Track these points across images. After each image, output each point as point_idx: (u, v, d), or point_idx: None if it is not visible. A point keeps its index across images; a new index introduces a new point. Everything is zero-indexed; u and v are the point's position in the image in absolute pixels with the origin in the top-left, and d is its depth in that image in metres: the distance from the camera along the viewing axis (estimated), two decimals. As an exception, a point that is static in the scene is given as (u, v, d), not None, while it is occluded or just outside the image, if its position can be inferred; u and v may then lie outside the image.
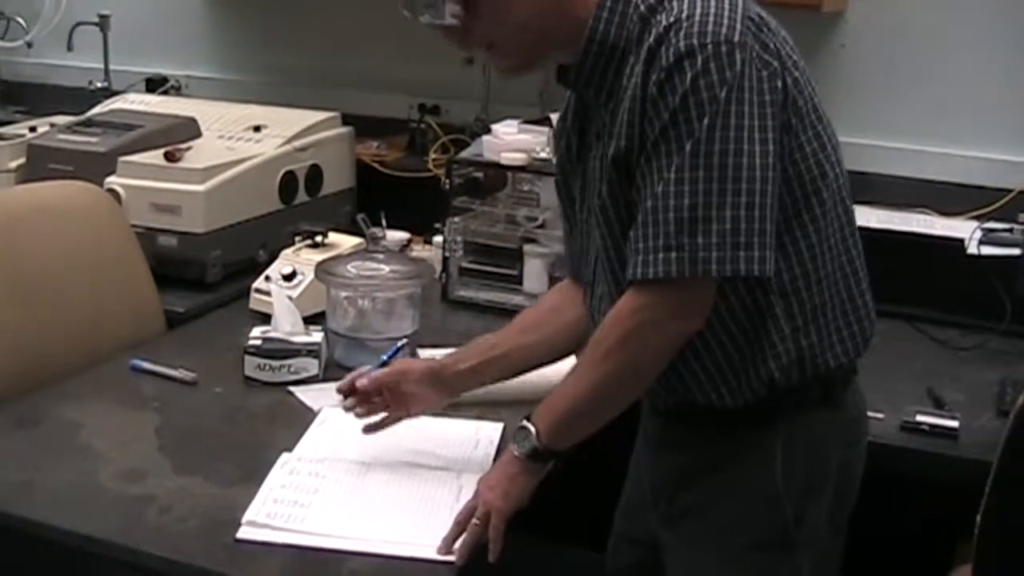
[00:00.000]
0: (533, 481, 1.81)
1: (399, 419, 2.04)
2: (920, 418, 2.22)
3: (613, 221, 1.75)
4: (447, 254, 2.88)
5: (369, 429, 2.04)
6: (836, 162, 1.75)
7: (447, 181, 2.88)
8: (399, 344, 2.21)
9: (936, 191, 3.00)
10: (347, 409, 2.03)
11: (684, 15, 1.62)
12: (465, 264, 2.91)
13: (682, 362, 1.74)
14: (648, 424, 1.95)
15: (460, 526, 1.78)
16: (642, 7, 1.69)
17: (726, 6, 1.63)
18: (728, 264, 1.60)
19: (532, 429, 1.78)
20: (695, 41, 1.60)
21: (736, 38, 1.61)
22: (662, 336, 1.68)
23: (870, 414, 2.19)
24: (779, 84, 1.64)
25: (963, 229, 2.79)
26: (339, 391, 2.05)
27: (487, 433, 2.12)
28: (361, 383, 2.02)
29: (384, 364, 2.07)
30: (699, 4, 1.63)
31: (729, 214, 1.60)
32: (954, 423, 2.21)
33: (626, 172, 1.70)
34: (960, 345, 2.63)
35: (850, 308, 1.79)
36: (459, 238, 2.90)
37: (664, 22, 1.64)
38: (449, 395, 2.05)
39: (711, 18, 1.62)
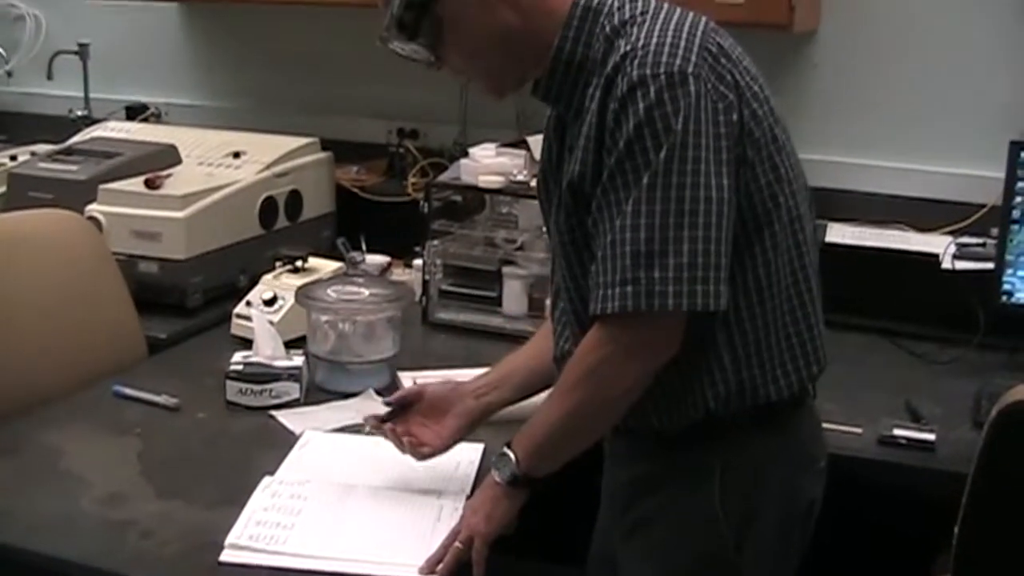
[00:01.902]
0: (516, 505, 1.81)
1: (435, 449, 1.99)
2: (897, 432, 2.23)
3: (568, 244, 1.77)
4: (427, 277, 2.89)
5: (419, 456, 1.99)
6: (791, 194, 1.74)
7: (426, 204, 2.90)
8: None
9: (911, 207, 3.02)
10: (388, 423, 2.01)
11: (640, 44, 1.64)
12: (445, 287, 2.92)
13: None
14: (605, 438, 1.95)
15: (446, 548, 1.79)
16: (607, 28, 1.70)
17: (683, 36, 1.64)
18: (685, 298, 1.61)
19: (512, 456, 1.79)
20: (648, 71, 1.61)
21: (690, 69, 1.62)
22: (627, 369, 1.68)
23: (847, 428, 2.23)
24: (734, 117, 1.64)
25: (938, 244, 2.81)
26: (367, 421, 2.05)
27: (467, 454, 2.12)
28: (386, 399, 2.06)
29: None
30: (656, 33, 1.65)
31: (686, 248, 1.60)
32: (931, 436, 2.22)
33: (583, 200, 1.70)
34: (936, 359, 2.65)
35: (796, 343, 1.77)
36: (438, 261, 2.91)
37: (623, 49, 1.65)
38: (475, 411, 2.02)
39: (666, 48, 1.63)
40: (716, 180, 1.61)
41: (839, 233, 2.92)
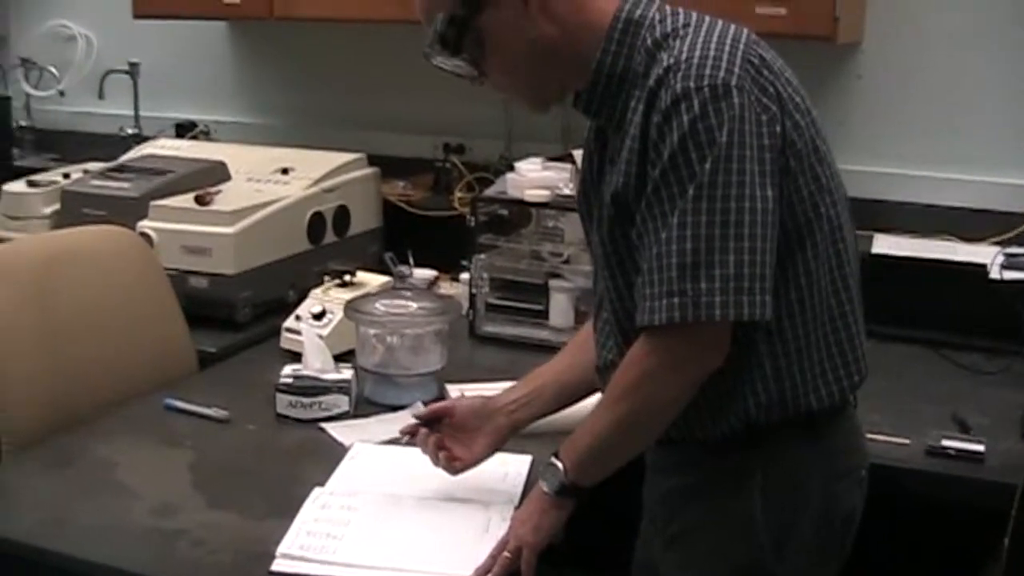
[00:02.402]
0: (563, 515, 1.83)
1: (466, 464, 2.01)
2: (945, 443, 2.22)
3: (611, 255, 1.79)
4: (474, 290, 2.91)
5: (452, 470, 2.01)
6: (832, 204, 1.74)
7: (472, 219, 2.92)
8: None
9: (957, 217, 3.02)
10: (414, 436, 2.04)
11: (684, 56, 1.65)
12: (492, 300, 2.93)
13: None
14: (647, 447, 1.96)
15: (494, 559, 1.81)
16: (649, 41, 1.71)
17: (726, 48, 1.65)
18: (731, 309, 1.61)
19: (560, 465, 1.80)
20: (692, 84, 1.62)
21: (733, 81, 1.62)
22: (674, 380, 1.69)
23: (895, 439, 2.23)
24: (777, 128, 1.65)
25: (985, 254, 2.80)
26: (403, 432, 2.08)
27: (515, 466, 2.13)
28: (416, 412, 2.08)
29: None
30: (699, 46, 1.65)
31: (732, 259, 1.60)
32: (979, 447, 2.21)
33: (626, 211, 1.71)
34: (984, 369, 2.64)
35: (836, 352, 1.78)
36: (485, 275, 2.92)
37: (665, 62, 1.66)
38: (504, 428, 2.03)
39: (709, 61, 1.63)
40: (760, 191, 1.62)
41: (885, 244, 2.91)
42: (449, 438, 2.02)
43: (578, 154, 2.82)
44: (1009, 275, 2.71)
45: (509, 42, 1.75)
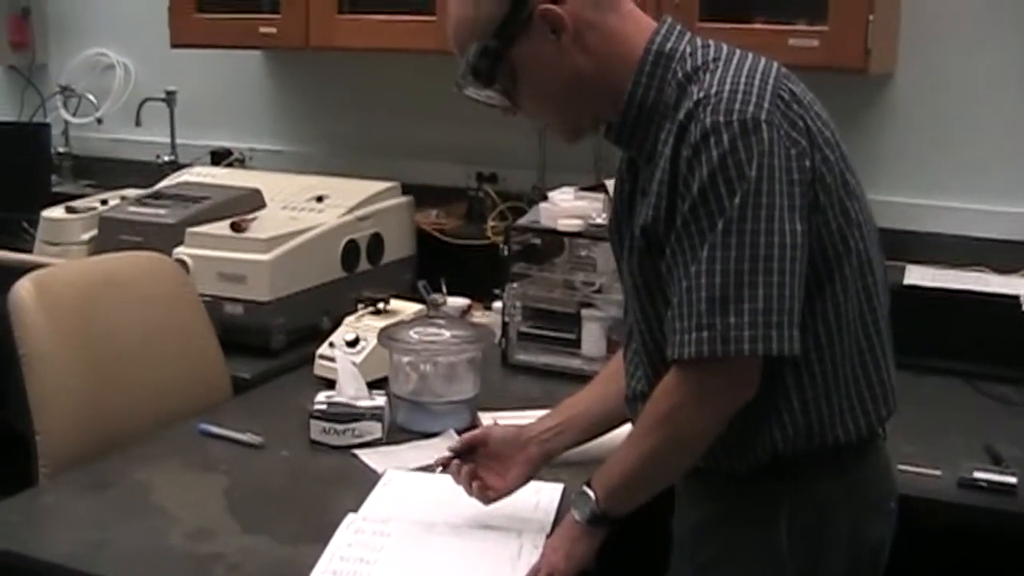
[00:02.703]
0: (595, 543, 1.84)
1: (499, 493, 2.02)
2: (978, 475, 2.21)
3: (641, 287, 1.80)
4: (506, 319, 2.92)
5: (486, 499, 2.02)
6: (861, 238, 1.74)
7: (505, 248, 2.93)
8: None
9: (990, 248, 3.02)
10: (448, 467, 2.04)
11: (713, 91, 1.65)
12: (524, 329, 2.94)
13: None
14: None
15: (526, 586, 1.82)
16: (680, 74, 1.72)
17: (756, 82, 1.66)
18: (760, 343, 1.61)
19: (591, 495, 1.81)
20: (721, 118, 1.63)
21: (763, 116, 1.63)
22: (703, 413, 1.70)
23: (927, 471, 2.22)
24: (807, 163, 1.65)
25: (1018, 286, 2.79)
26: (437, 463, 2.08)
27: (547, 494, 2.14)
28: (450, 445, 2.08)
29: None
30: (729, 80, 1.66)
31: (761, 293, 1.61)
32: (1012, 479, 2.20)
33: (656, 243, 1.72)
34: (1017, 401, 2.63)
35: (865, 385, 1.77)
36: (518, 303, 2.93)
37: (695, 95, 1.66)
38: (537, 457, 2.03)
39: (739, 95, 1.64)
40: (790, 226, 1.62)
41: (918, 275, 2.91)
42: (482, 467, 2.03)
43: (611, 184, 2.83)
44: (1042, 307, 2.71)
45: (542, 73, 1.76)
